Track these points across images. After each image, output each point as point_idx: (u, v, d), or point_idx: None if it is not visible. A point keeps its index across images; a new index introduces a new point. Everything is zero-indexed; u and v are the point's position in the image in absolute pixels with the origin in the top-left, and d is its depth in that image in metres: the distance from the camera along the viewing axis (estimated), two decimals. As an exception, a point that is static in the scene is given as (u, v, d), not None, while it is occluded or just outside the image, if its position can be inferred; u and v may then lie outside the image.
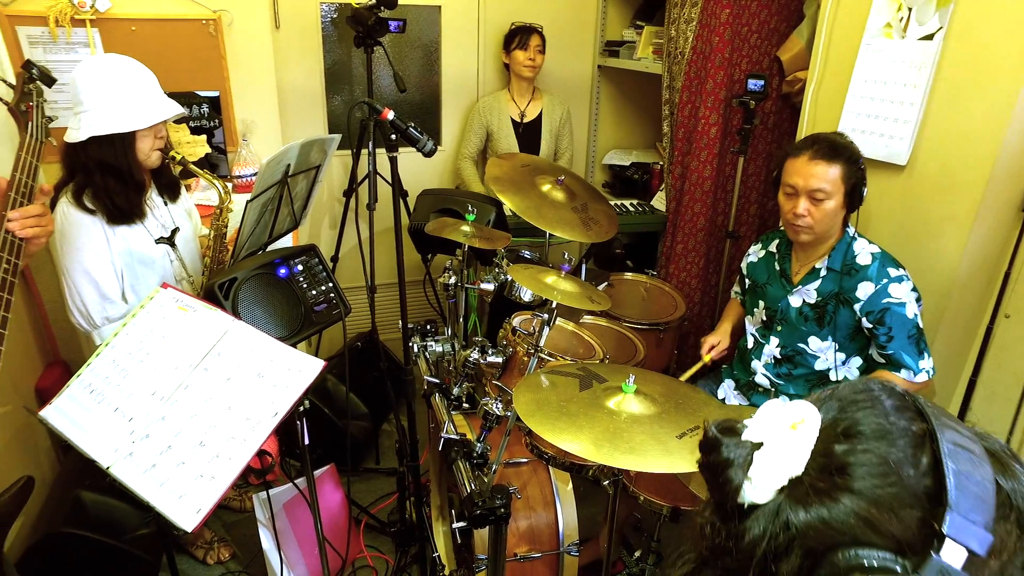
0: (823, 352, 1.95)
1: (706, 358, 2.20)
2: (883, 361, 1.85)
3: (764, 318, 2.07)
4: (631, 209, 3.24)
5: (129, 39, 2.47)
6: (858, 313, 1.84)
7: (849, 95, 2.10)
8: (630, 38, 3.36)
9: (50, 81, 1.49)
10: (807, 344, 1.97)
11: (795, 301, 1.97)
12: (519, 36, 3.11)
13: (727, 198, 2.86)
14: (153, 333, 1.46)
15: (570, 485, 1.87)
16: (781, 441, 0.59)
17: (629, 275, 2.80)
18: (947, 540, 0.49)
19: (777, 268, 2.03)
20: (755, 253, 2.15)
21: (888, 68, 1.99)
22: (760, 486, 0.58)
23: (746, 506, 0.58)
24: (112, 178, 1.76)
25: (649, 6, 3.36)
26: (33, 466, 2.27)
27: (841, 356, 1.94)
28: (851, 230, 1.88)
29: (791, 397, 2.03)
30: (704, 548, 0.62)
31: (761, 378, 2.08)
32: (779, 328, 2.02)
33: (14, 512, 1.18)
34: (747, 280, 2.15)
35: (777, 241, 2.07)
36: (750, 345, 2.13)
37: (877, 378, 0.67)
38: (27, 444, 2.29)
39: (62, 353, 2.57)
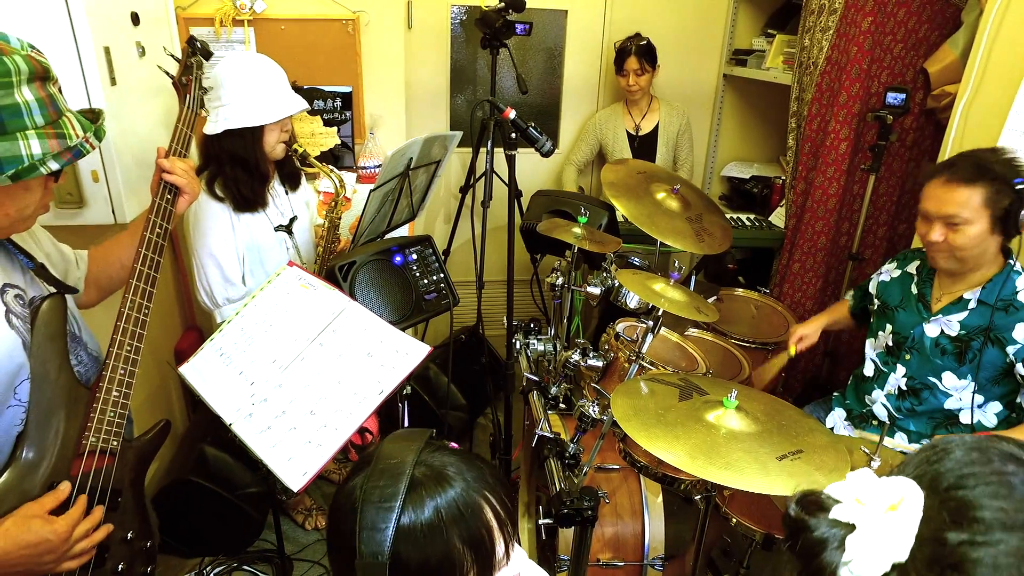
0: (958, 391, 1.79)
1: (792, 350, 2.10)
2: None
3: (890, 343, 1.93)
4: (747, 223, 3.12)
5: (278, 37, 2.68)
6: (1011, 356, 1.68)
7: (1012, 111, 1.91)
8: (759, 47, 3.25)
9: (208, 55, 1.62)
10: (940, 379, 1.81)
11: (931, 330, 1.82)
12: (617, 61, 3.07)
13: (853, 218, 2.70)
14: (277, 307, 1.58)
15: (660, 497, 1.84)
16: (877, 524, 0.52)
17: (740, 291, 2.70)
18: None
19: (915, 291, 1.89)
20: (888, 272, 2.01)
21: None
22: (860, 572, 0.52)
23: None
24: (240, 169, 1.88)
25: (783, 14, 3.24)
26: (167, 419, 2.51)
27: (979, 399, 1.78)
28: (1015, 262, 1.71)
29: (910, 434, 1.90)
30: None
31: (879, 409, 1.94)
32: (908, 357, 1.88)
33: (154, 450, 1.32)
34: (876, 300, 2.02)
35: (918, 262, 1.93)
36: (869, 372, 2.00)
37: (998, 439, 0.56)
38: (163, 400, 2.54)
39: (197, 320, 2.82)
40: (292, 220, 2.09)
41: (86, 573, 1.14)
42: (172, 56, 1.61)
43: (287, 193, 2.11)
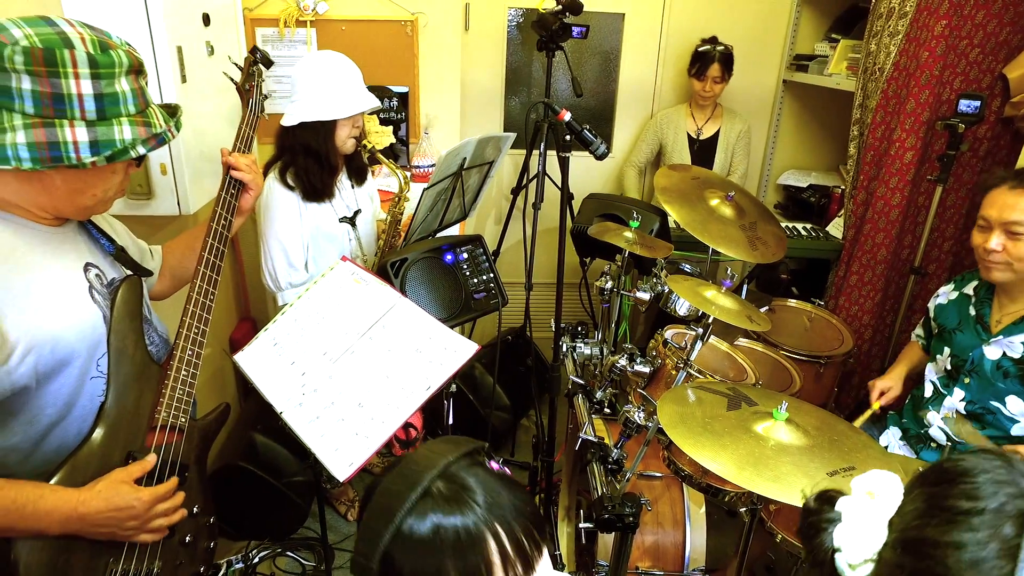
0: None
1: (875, 406, 2.01)
2: None
3: (949, 367, 1.86)
4: (803, 233, 3.05)
5: (339, 37, 2.75)
6: None
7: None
8: (822, 52, 3.16)
9: (268, 63, 1.69)
10: (1004, 404, 1.73)
11: (992, 353, 1.74)
12: (698, 64, 3.03)
13: (916, 230, 2.61)
14: (330, 300, 1.61)
15: (703, 508, 1.81)
16: (858, 513, 0.59)
17: (793, 302, 2.63)
18: None
19: (972, 313, 1.82)
20: (946, 294, 1.94)
21: None
22: (848, 556, 0.58)
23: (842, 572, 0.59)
24: (312, 160, 1.97)
25: (848, 19, 3.14)
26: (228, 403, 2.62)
27: None
28: None
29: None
30: None
31: (936, 432, 1.87)
32: (967, 380, 1.80)
33: (216, 430, 1.38)
34: (933, 323, 1.95)
35: (975, 283, 1.85)
36: (927, 394, 1.92)
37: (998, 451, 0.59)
38: (219, 386, 2.63)
39: (252, 311, 2.91)
40: (356, 213, 2.16)
41: (159, 542, 1.21)
42: (236, 64, 1.67)
43: (353, 187, 2.18)
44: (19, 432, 1.12)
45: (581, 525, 1.59)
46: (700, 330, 1.59)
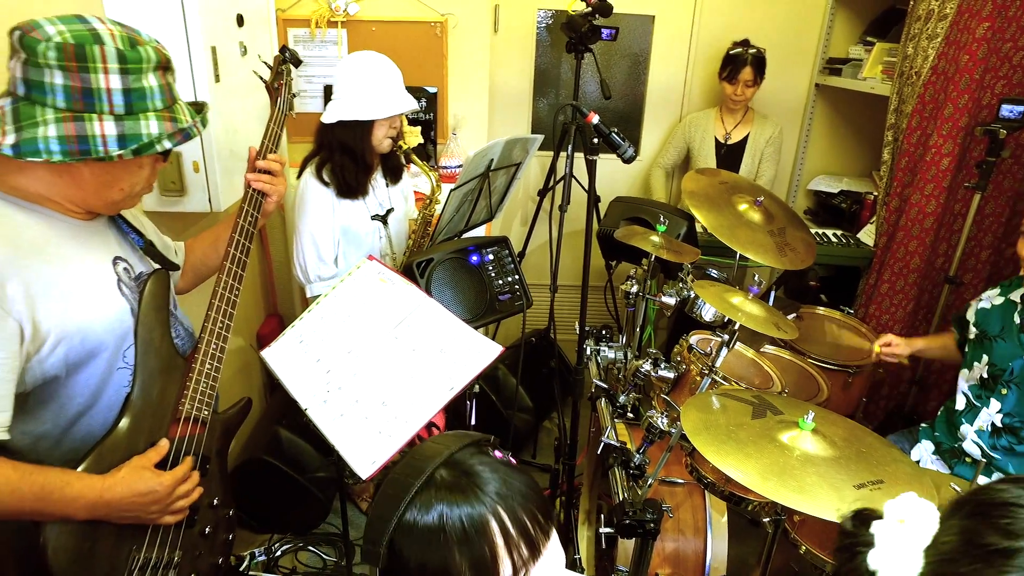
0: None
1: (876, 347, 2.05)
2: None
3: (985, 375, 1.81)
4: (833, 240, 3.00)
5: (369, 38, 2.77)
6: None
7: None
8: (856, 55, 3.10)
9: (297, 62, 1.72)
10: None
11: None
12: (730, 67, 2.98)
13: (952, 238, 2.54)
14: (356, 298, 1.63)
15: (725, 517, 1.79)
16: (890, 539, 0.57)
17: (821, 310, 2.59)
18: None
19: (1018, 321, 1.77)
20: (989, 299, 1.88)
21: None
22: None
23: None
24: (348, 157, 2.00)
25: (884, 21, 3.08)
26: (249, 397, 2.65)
27: None
28: None
29: (1008, 475, 1.76)
30: None
31: (971, 446, 1.82)
32: (1005, 392, 1.75)
33: (237, 424, 1.41)
34: (973, 327, 1.90)
35: (1023, 291, 1.81)
36: (960, 406, 1.87)
37: None
38: (246, 380, 2.67)
39: (279, 307, 2.95)
40: (389, 212, 2.18)
41: (179, 532, 1.23)
42: (265, 63, 1.70)
43: (387, 186, 2.20)
44: (48, 420, 1.15)
45: (601, 530, 1.58)
46: (726, 336, 1.58)
